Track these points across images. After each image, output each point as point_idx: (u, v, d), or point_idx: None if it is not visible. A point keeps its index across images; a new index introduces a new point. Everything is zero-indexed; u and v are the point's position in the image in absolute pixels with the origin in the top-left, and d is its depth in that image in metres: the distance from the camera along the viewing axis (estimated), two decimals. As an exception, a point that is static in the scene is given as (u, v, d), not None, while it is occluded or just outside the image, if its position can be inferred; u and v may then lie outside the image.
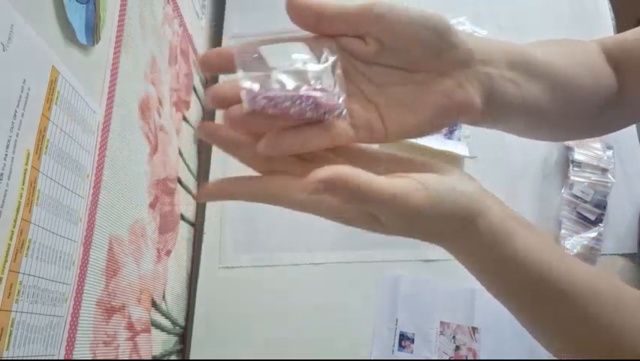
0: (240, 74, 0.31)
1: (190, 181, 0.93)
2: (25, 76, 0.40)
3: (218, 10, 1.16)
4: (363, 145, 0.35)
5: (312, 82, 0.31)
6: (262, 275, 0.89)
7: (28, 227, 0.41)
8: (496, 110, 0.35)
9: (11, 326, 0.38)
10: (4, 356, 0.37)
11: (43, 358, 0.43)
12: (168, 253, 0.79)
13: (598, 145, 0.92)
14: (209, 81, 1.09)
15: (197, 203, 0.96)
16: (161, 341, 0.75)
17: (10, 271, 0.38)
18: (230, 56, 0.32)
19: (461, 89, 0.33)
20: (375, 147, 0.35)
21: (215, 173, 0.97)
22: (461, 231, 0.32)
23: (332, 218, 0.33)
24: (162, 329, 0.76)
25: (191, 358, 0.84)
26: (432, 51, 0.33)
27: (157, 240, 0.74)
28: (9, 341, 0.38)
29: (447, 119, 0.34)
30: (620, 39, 0.45)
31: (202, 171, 1.00)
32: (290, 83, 0.31)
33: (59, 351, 0.46)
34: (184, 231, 0.88)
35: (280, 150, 0.32)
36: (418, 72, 0.33)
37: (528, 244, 0.33)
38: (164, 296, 0.77)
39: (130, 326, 0.63)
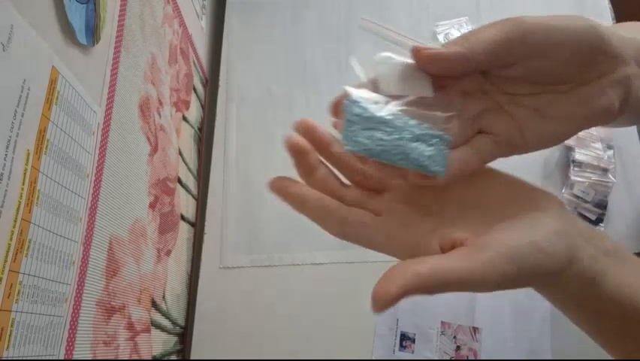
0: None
1: (190, 181, 0.93)
2: (25, 76, 0.40)
3: (219, 10, 1.16)
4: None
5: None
6: (262, 276, 0.88)
7: (28, 227, 0.41)
8: (630, 109, 0.34)
9: (11, 326, 0.38)
10: (4, 356, 0.37)
11: (43, 358, 0.43)
12: (168, 253, 0.79)
13: (598, 145, 0.92)
14: (210, 81, 1.09)
15: (197, 203, 0.96)
16: (161, 341, 0.75)
17: (10, 271, 0.38)
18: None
19: (603, 95, 0.32)
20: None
21: (215, 173, 0.97)
22: (548, 282, 0.32)
23: None
24: (162, 329, 0.76)
25: (191, 358, 0.84)
26: (584, 66, 0.31)
27: (157, 240, 0.74)
28: (9, 341, 0.38)
29: (586, 126, 0.33)
30: None
31: (202, 171, 1.00)
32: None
33: (59, 351, 0.46)
34: (184, 231, 0.88)
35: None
36: (561, 84, 0.32)
37: (622, 281, 0.32)
38: (164, 296, 0.76)
39: (130, 326, 0.63)
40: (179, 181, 0.86)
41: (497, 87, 0.33)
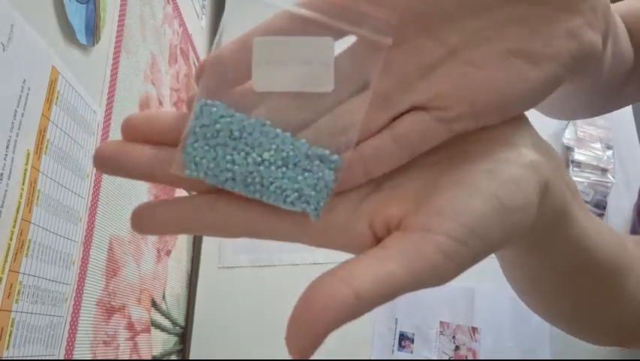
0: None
1: (190, 181, 0.93)
2: (25, 76, 0.40)
3: (218, 10, 1.16)
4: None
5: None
6: (262, 275, 0.89)
7: (28, 227, 0.41)
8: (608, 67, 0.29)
9: (11, 326, 0.38)
10: (4, 356, 0.37)
11: (43, 358, 0.43)
12: (168, 253, 0.79)
13: (598, 145, 0.92)
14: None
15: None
16: (161, 341, 0.75)
17: (10, 271, 0.38)
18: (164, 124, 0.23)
19: (590, 28, 0.23)
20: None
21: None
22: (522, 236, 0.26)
23: None
24: (162, 329, 0.76)
25: (191, 358, 0.84)
26: None
27: (157, 240, 0.74)
28: (9, 341, 0.38)
29: (572, 68, 0.23)
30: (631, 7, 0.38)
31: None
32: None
33: (59, 351, 0.46)
34: (184, 231, 0.88)
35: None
36: (535, 4, 0.23)
37: (581, 229, 0.27)
38: (164, 296, 0.77)
39: (130, 326, 0.63)
40: (179, 181, 0.86)
41: (451, 21, 0.23)
